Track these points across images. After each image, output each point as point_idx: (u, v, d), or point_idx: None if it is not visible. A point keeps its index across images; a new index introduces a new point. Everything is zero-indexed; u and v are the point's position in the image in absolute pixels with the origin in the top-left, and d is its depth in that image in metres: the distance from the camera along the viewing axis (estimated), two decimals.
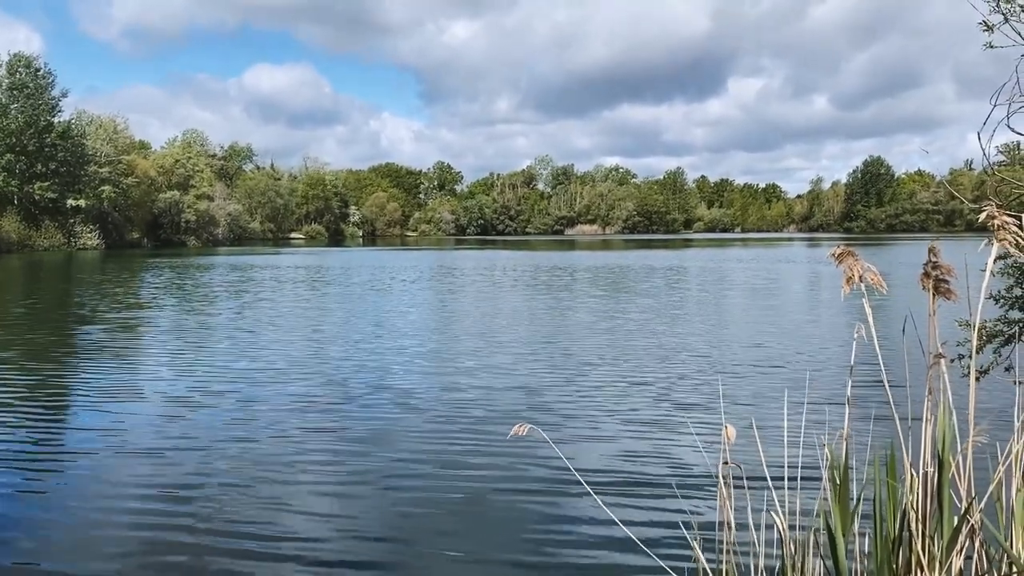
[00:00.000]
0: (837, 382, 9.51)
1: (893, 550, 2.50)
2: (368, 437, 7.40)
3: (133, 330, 15.83)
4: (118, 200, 75.98)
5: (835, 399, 7.76)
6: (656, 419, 8.04)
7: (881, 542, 2.48)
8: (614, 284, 27.77)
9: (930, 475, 2.51)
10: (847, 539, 2.50)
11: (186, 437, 7.43)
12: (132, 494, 5.85)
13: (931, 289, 2.54)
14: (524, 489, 5.87)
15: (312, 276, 32.93)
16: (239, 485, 6.02)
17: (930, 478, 2.51)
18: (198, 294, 24.31)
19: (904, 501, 2.52)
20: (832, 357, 11.64)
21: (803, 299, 22.74)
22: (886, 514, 2.51)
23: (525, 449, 6.77)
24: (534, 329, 15.48)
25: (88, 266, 43.35)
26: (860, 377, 3.28)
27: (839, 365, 10.84)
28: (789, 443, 2.80)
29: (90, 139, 75.13)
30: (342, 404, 8.78)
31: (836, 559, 2.48)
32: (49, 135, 68.74)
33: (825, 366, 10.91)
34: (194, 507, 5.54)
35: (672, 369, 10.80)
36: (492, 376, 10.37)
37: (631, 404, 8.71)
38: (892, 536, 2.50)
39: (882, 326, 2.93)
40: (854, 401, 2.82)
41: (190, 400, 9.04)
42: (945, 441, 2.45)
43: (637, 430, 7.62)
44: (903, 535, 2.51)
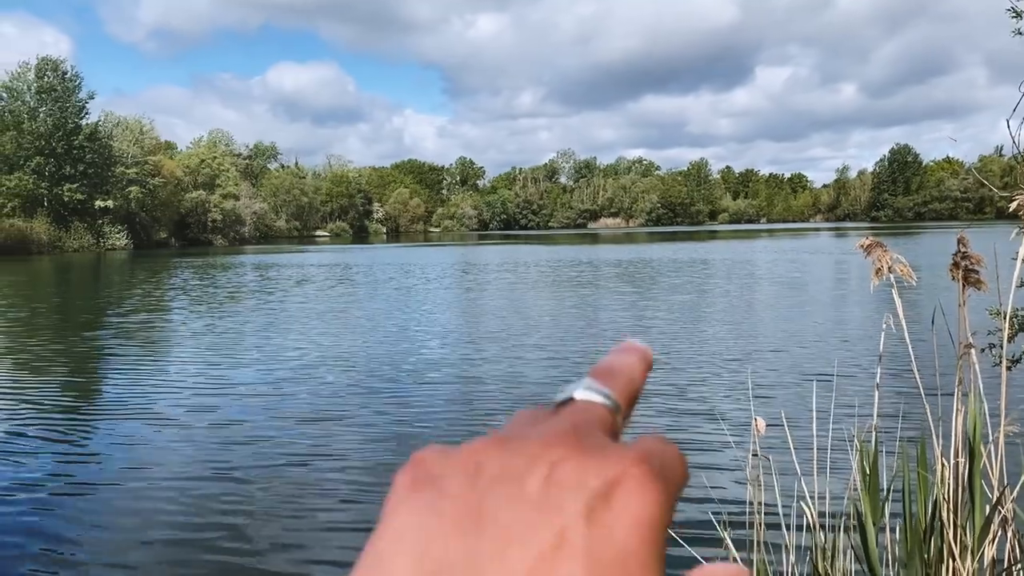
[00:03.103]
0: (866, 372, 9.44)
1: (924, 539, 2.51)
2: (398, 433, 7.47)
3: (165, 331, 16.05)
4: (145, 200, 76.87)
5: (864, 389, 7.72)
6: (686, 411, 8.05)
7: (911, 532, 2.49)
8: (638, 278, 27.70)
9: (961, 465, 2.52)
10: (877, 528, 2.51)
11: (221, 439, 7.55)
12: (170, 497, 5.95)
13: (960, 279, 2.54)
14: None
15: (339, 275, 33.15)
16: (266, 474, 6.10)
17: (961, 467, 2.52)
18: (229, 294, 24.58)
19: (935, 491, 2.52)
20: (861, 348, 11.56)
21: (831, 290, 22.55)
22: (916, 504, 2.52)
23: None
24: (561, 324, 15.50)
25: (118, 267, 43.95)
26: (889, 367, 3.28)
27: (868, 356, 10.76)
28: (818, 433, 2.81)
29: (117, 141, 76.03)
30: (374, 399, 8.87)
31: (867, 549, 2.49)
32: (77, 137, 69.68)
33: (854, 357, 10.84)
34: (230, 502, 5.63)
35: (700, 361, 10.78)
36: (523, 370, 10.41)
37: (660, 396, 8.72)
38: (923, 526, 2.51)
39: (911, 316, 2.94)
40: (884, 390, 2.83)
41: (222, 401, 9.17)
42: (976, 430, 2.46)
43: (667, 422, 7.63)
44: (934, 524, 2.52)
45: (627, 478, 0.27)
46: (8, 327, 16.27)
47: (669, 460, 0.29)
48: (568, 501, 0.26)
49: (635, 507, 0.26)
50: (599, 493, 0.26)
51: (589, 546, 0.25)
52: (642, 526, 0.26)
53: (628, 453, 0.28)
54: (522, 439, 0.28)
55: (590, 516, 0.25)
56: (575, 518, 0.25)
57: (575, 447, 0.27)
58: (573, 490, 0.26)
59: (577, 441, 0.28)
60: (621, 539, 0.25)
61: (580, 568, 0.24)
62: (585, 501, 0.26)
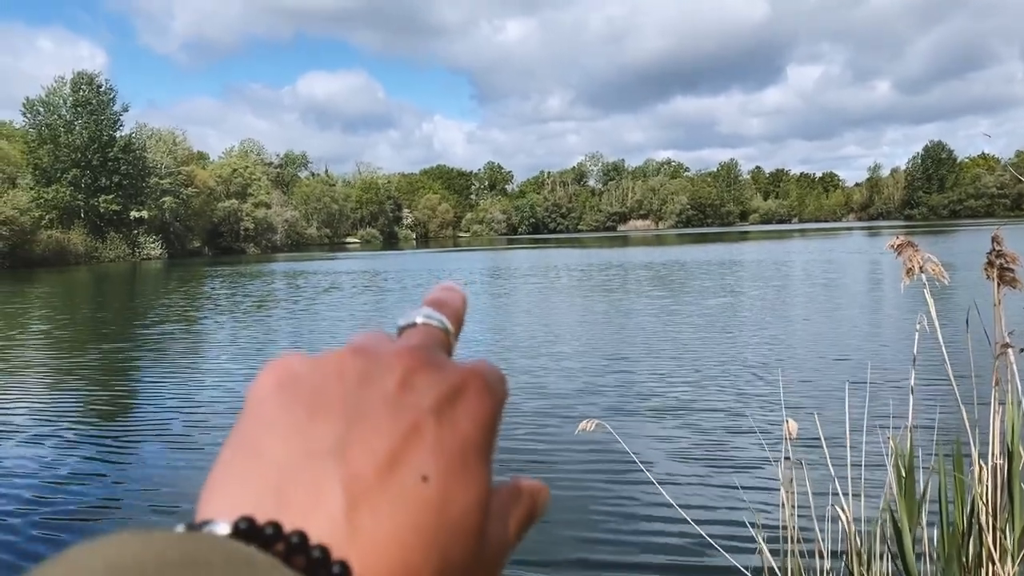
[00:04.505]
0: (900, 373, 9.31)
1: (962, 543, 2.47)
2: None
3: (200, 338, 16.27)
4: (179, 210, 78.04)
5: (899, 390, 7.62)
6: (718, 413, 7.99)
7: (949, 535, 2.45)
8: (669, 280, 27.56)
9: (999, 466, 2.48)
10: (913, 532, 2.47)
11: None
12: None
13: (996, 278, 2.50)
14: (589, 479, 5.90)
15: (369, 281, 33.36)
16: None
17: (1000, 469, 2.48)
18: (259, 301, 24.85)
19: (972, 494, 2.48)
20: (895, 348, 11.40)
21: (864, 290, 22.27)
22: (953, 507, 2.49)
23: (591, 444, 6.79)
24: (592, 328, 15.47)
25: (154, 276, 44.63)
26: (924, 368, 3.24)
27: (902, 356, 10.61)
28: (852, 435, 2.78)
29: (151, 152, 77.30)
30: None
31: (903, 552, 2.46)
32: (112, 149, 70.99)
33: (888, 358, 10.69)
34: None
35: (733, 364, 10.70)
36: (555, 375, 10.41)
37: (692, 398, 8.66)
38: (961, 529, 2.47)
39: (946, 316, 2.90)
40: (918, 392, 2.79)
41: None
42: (1015, 431, 2.42)
43: (699, 425, 7.58)
44: (972, 528, 2.48)
45: (468, 385, 0.33)
46: (55, 335, 16.59)
47: (497, 377, 0.35)
48: (421, 400, 0.31)
49: (474, 408, 0.32)
50: (446, 396, 0.32)
51: (438, 436, 0.30)
52: (479, 424, 0.32)
53: (467, 367, 0.34)
54: (378, 350, 0.34)
55: (439, 413, 0.31)
56: (427, 414, 0.31)
57: (424, 359, 0.33)
58: (424, 393, 0.31)
59: (425, 355, 0.33)
60: (463, 433, 0.31)
61: (430, 453, 0.30)
62: (435, 401, 0.31)
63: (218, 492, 0.29)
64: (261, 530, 0.26)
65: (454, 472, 0.30)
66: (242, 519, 0.26)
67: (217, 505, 0.28)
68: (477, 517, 0.30)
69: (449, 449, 0.30)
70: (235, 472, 0.29)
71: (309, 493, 0.27)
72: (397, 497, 0.28)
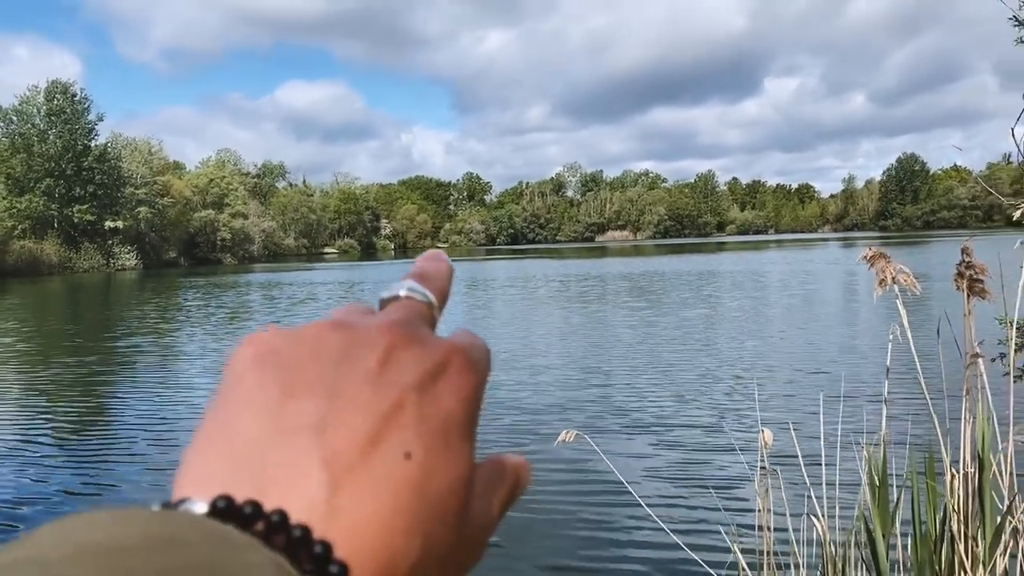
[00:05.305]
0: (874, 384, 9.40)
1: (935, 551, 2.50)
2: None
3: (173, 351, 16.11)
4: (154, 220, 77.31)
5: (872, 400, 7.69)
6: (694, 423, 8.03)
7: (922, 543, 2.48)
8: (647, 291, 27.68)
9: (971, 475, 2.51)
10: (887, 540, 2.49)
11: None
12: None
13: (965, 289, 2.54)
14: (569, 492, 5.90)
15: (345, 291, 33.22)
16: None
17: (971, 478, 2.50)
18: (233, 312, 24.66)
19: (945, 502, 2.51)
20: (868, 359, 11.51)
21: (838, 301, 22.50)
22: (926, 515, 2.51)
23: (568, 456, 6.79)
24: (570, 340, 15.50)
25: (128, 287, 44.16)
26: (896, 378, 3.27)
27: (875, 367, 10.72)
28: (826, 445, 2.81)
29: (126, 162, 76.60)
30: None
31: (877, 560, 2.48)
32: (86, 159, 70.24)
33: (861, 368, 10.80)
34: None
35: (708, 374, 10.76)
36: (530, 389, 10.40)
37: (670, 412, 8.70)
38: (933, 537, 2.50)
39: (919, 327, 2.93)
40: (891, 402, 2.82)
41: None
42: (985, 440, 2.45)
43: (676, 434, 7.61)
44: (944, 536, 2.50)
45: (451, 362, 0.32)
46: (19, 349, 16.35)
47: (480, 351, 0.34)
48: (404, 377, 0.30)
49: (457, 384, 0.31)
50: (429, 372, 0.31)
51: (420, 413, 0.29)
52: (462, 400, 0.31)
53: (450, 342, 0.33)
54: (359, 325, 0.33)
55: (421, 390, 0.30)
56: (409, 391, 0.30)
57: (406, 335, 0.32)
58: (407, 369, 0.30)
59: (407, 330, 0.32)
60: (446, 409, 0.30)
61: (413, 430, 0.29)
62: (418, 377, 0.30)
63: (195, 470, 0.28)
64: (240, 509, 0.25)
65: (437, 449, 0.29)
66: (220, 498, 0.25)
67: (194, 483, 0.27)
68: (460, 494, 0.29)
69: (432, 426, 0.29)
70: (212, 450, 0.28)
71: (289, 472, 0.27)
72: (379, 475, 0.27)
